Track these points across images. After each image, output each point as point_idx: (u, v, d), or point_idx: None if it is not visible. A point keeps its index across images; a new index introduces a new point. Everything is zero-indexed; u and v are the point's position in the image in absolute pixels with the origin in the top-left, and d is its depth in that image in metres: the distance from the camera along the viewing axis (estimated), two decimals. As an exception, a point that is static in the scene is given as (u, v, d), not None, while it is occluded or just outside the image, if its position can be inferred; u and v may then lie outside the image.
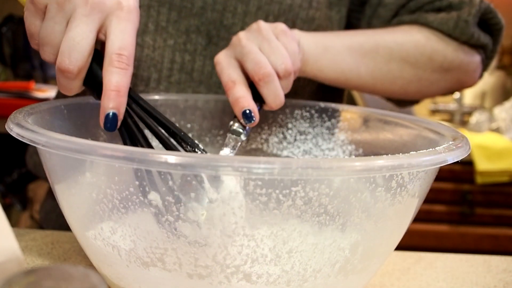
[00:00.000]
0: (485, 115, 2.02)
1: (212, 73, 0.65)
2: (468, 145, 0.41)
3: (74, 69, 0.42)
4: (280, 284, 0.38)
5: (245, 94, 0.50)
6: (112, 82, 0.42)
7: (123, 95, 0.43)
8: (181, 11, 0.64)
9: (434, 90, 0.70)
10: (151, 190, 0.37)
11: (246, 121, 0.49)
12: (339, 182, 0.36)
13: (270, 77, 0.50)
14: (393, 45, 0.64)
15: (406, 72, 0.65)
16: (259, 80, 0.50)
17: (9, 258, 0.31)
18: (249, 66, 0.51)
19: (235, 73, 0.51)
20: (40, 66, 2.05)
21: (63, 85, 0.44)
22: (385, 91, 0.67)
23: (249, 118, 0.49)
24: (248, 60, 0.51)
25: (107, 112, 0.42)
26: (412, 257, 0.57)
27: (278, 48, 0.52)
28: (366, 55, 0.63)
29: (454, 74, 0.68)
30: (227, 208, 0.36)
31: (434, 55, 0.65)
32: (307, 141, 0.61)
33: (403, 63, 0.65)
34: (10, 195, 1.88)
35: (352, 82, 0.64)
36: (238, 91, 0.50)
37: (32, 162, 0.74)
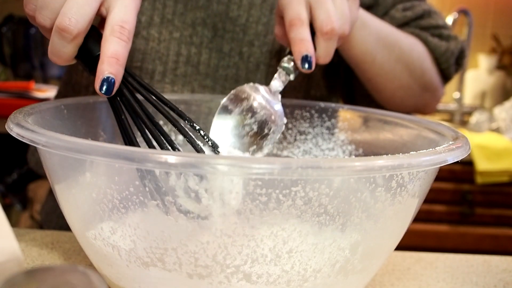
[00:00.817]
0: (485, 115, 2.02)
1: (218, 66, 0.65)
2: (468, 145, 0.41)
3: (74, 30, 0.41)
4: (280, 284, 0.38)
5: (310, 39, 0.49)
6: (111, 49, 0.42)
7: (121, 64, 0.42)
8: (187, 4, 0.65)
9: (411, 104, 0.74)
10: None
11: (303, 65, 0.49)
12: (339, 182, 0.36)
13: (334, 35, 0.50)
14: (406, 48, 0.67)
15: (404, 76, 0.68)
16: (323, 34, 0.49)
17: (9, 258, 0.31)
18: (320, 15, 0.50)
19: (304, 13, 0.50)
20: (40, 66, 2.05)
21: (56, 48, 0.42)
22: (382, 87, 0.69)
23: (308, 64, 0.49)
24: (321, 8, 0.50)
25: (104, 76, 0.41)
26: (412, 257, 0.57)
27: (345, 9, 0.51)
28: (386, 47, 0.65)
29: (428, 95, 0.73)
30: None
31: (426, 71, 0.70)
32: (307, 141, 0.61)
33: (406, 67, 0.68)
34: (10, 195, 1.88)
35: (365, 65, 0.65)
36: (304, 32, 0.49)
37: (34, 160, 0.75)
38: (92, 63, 0.43)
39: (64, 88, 0.76)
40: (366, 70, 0.66)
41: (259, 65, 0.67)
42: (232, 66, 0.66)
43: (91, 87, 0.69)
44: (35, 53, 2.03)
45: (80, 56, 0.44)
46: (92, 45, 0.43)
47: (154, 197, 0.36)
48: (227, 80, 0.66)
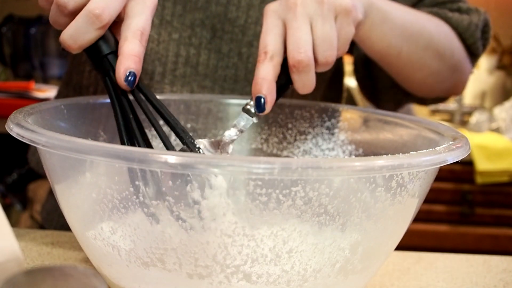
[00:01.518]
0: (485, 115, 2.02)
1: (217, 67, 0.65)
2: (468, 145, 0.41)
3: (105, 19, 0.42)
4: (280, 284, 0.38)
5: (269, 75, 0.46)
6: (133, 48, 0.43)
7: (140, 64, 0.44)
8: (186, 5, 0.65)
9: (442, 88, 0.70)
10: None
11: (255, 107, 0.47)
12: (339, 182, 0.36)
13: (305, 66, 0.46)
14: (434, 33, 0.63)
15: (434, 62, 0.65)
16: (292, 66, 0.46)
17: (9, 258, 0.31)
18: (290, 44, 0.46)
19: (273, 42, 0.47)
20: (40, 66, 2.05)
21: (78, 32, 0.43)
22: (410, 77, 0.66)
23: (260, 107, 0.46)
24: (292, 36, 0.46)
25: (129, 70, 0.43)
26: (412, 257, 0.57)
27: (329, 33, 0.47)
28: (412, 37, 0.61)
29: (457, 76, 0.69)
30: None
31: (455, 51, 0.66)
32: (307, 141, 0.61)
33: (436, 53, 0.64)
34: (10, 195, 1.88)
35: (390, 59, 0.62)
36: (265, 69, 0.46)
37: (34, 160, 0.75)
38: (99, 60, 0.44)
39: (64, 89, 0.76)
40: (392, 63, 0.63)
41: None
42: (231, 66, 0.66)
43: (91, 87, 0.69)
44: (35, 53, 2.03)
45: (89, 50, 0.44)
46: (104, 43, 0.44)
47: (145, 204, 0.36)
48: (226, 80, 0.66)
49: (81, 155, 0.33)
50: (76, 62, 0.72)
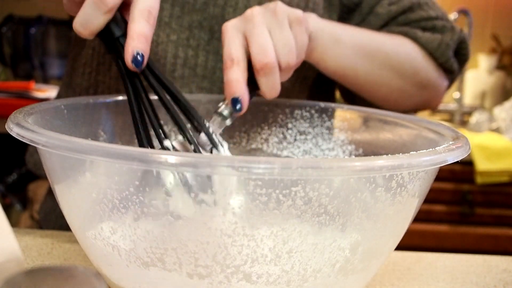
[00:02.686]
0: (485, 115, 2.02)
1: (215, 68, 0.66)
2: (468, 145, 0.41)
3: (110, 2, 0.42)
4: (280, 284, 0.38)
5: (240, 78, 0.48)
6: (140, 28, 0.43)
7: (148, 43, 0.44)
8: (184, 7, 0.65)
9: (409, 104, 0.72)
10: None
11: (232, 108, 0.48)
12: (339, 182, 0.36)
13: (271, 69, 0.48)
14: (390, 52, 0.65)
15: (394, 80, 0.67)
16: (259, 69, 0.48)
17: (9, 258, 0.31)
18: (253, 49, 0.48)
19: (237, 51, 0.49)
20: (40, 66, 2.05)
21: (87, 18, 0.43)
22: (370, 95, 0.68)
23: (236, 107, 0.48)
24: (254, 42, 0.49)
25: (135, 52, 0.43)
26: (412, 257, 0.57)
27: (288, 38, 0.50)
28: (367, 56, 0.63)
29: (428, 93, 0.71)
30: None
31: (419, 69, 0.68)
32: (307, 141, 0.61)
33: (394, 71, 0.66)
34: (10, 195, 1.88)
35: (347, 79, 0.64)
36: (234, 72, 0.48)
37: (32, 161, 0.75)
38: (112, 43, 0.45)
39: (64, 90, 0.76)
40: (350, 82, 0.65)
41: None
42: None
43: (91, 89, 0.69)
44: (35, 53, 2.03)
45: (101, 35, 0.45)
46: (115, 26, 0.45)
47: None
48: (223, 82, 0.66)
49: (81, 155, 0.33)
50: (76, 65, 0.72)
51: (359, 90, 0.67)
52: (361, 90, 0.67)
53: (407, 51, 0.67)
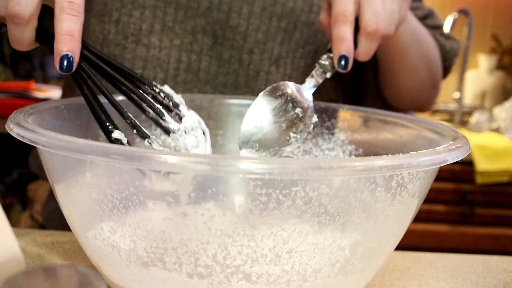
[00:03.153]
0: (485, 115, 2.02)
1: (218, 73, 0.66)
2: (468, 145, 0.41)
3: (25, 14, 0.41)
4: (280, 284, 0.38)
5: (350, 36, 0.49)
6: (64, 27, 0.41)
7: (76, 39, 0.41)
8: (188, 11, 0.65)
9: (419, 101, 0.76)
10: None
11: (339, 64, 0.49)
12: (339, 182, 0.36)
13: (377, 36, 0.49)
14: (430, 45, 0.69)
15: (425, 72, 0.70)
16: (367, 33, 0.49)
17: (9, 258, 0.31)
18: (367, 13, 0.49)
19: (351, 9, 0.50)
20: (40, 66, 2.05)
21: (14, 35, 0.42)
22: (401, 83, 0.71)
23: (345, 63, 0.49)
24: (369, 6, 0.49)
25: (62, 54, 0.41)
26: (412, 257, 0.57)
27: (395, 12, 0.51)
28: (417, 42, 0.66)
29: (433, 92, 0.75)
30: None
31: (438, 68, 0.72)
32: (307, 141, 0.61)
33: (427, 64, 0.70)
34: (10, 195, 1.88)
35: (397, 58, 0.66)
36: (347, 30, 0.49)
37: (35, 164, 0.75)
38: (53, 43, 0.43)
39: (67, 92, 0.76)
40: (396, 62, 0.67)
41: (258, 72, 0.67)
42: (232, 73, 0.67)
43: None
44: (35, 53, 2.03)
45: (40, 38, 0.43)
46: (49, 25, 0.43)
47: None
48: (226, 87, 0.67)
49: (81, 155, 0.33)
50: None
51: (397, 73, 0.69)
52: (398, 75, 0.69)
53: (435, 49, 0.71)
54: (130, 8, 0.65)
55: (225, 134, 0.62)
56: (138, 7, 0.65)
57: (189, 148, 0.45)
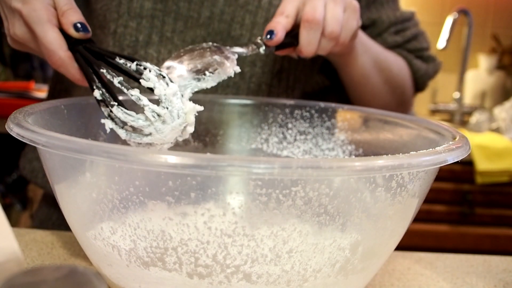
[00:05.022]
0: (485, 115, 2.02)
1: (217, 86, 0.65)
2: (468, 145, 0.41)
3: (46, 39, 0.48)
4: (280, 284, 0.38)
5: (284, 24, 0.53)
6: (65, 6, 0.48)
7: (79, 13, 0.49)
8: (187, 21, 0.64)
9: None
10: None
11: (266, 36, 0.53)
12: (339, 182, 0.36)
13: (316, 25, 0.52)
14: (395, 72, 0.73)
15: (388, 96, 0.74)
16: (306, 21, 0.52)
17: (9, 258, 0.31)
18: (307, 7, 0.53)
19: (292, 9, 0.54)
20: (40, 66, 2.05)
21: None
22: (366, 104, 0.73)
23: (271, 35, 0.52)
24: (309, 4, 0.53)
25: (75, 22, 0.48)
26: (412, 257, 0.57)
27: (338, 14, 0.54)
28: (379, 70, 0.70)
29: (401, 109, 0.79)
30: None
31: (405, 90, 0.76)
32: (307, 141, 0.62)
33: (391, 88, 0.73)
34: (10, 195, 1.88)
35: (359, 86, 0.70)
36: (281, 19, 0.53)
37: (29, 168, 0.73)
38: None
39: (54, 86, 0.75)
40: (359, 90, 0.71)
41: (260, 85, 0.67)
42: (232, 86, 0.66)
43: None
44: (35, 53, 2.02)
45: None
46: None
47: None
48: (219, 94, 0.65)
49: (81, 155, 0.33)
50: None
51: (359, 98, 0.73)
52: (361, 99, 0.73)
53: (404, 74, 0.75)
54: (126, 19, 0.63)
55: (225, 134, 0.62)
56: (134, 17, 0.63)
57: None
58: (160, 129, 0.45)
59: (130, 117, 0.45)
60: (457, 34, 2.19)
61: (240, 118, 0.63)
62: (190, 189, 0.36)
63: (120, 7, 0.63)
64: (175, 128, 0.45)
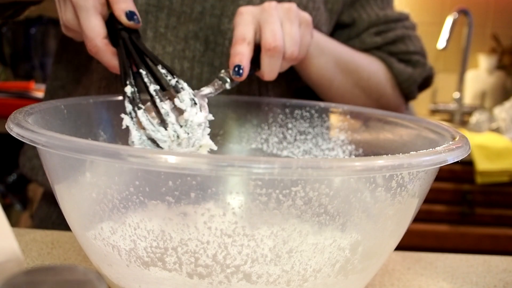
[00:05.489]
0: (485, 115, 2.02)
1: (210, 80, 0.65)
2: (468, 145, 0.41)
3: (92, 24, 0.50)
4: (280, 284, 0.38)
5: (246, 53, 0.52)
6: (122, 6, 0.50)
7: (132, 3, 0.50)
8: (180, 17, 0.64)
9: None
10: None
11: (234, 73, 0.52)
12: (339, 182, 0.36)
13: (278, 52, 0.53)
14: (364, 74, 0.71)
15: (360, 98, 0.72)
16: (267, 50, 0.52)
17: (9, 258, 0.31)
18: (266, 34, 0.53)
19: (249, 33, 0.53)
20: (40, 66, 2.05)
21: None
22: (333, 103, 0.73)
23: (238, 72, 0.52)
24: (268, 28, 0.53)
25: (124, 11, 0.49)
26: (412, 257, 0.57)
27: (295, 34, 0.54)
28: (343, 72, 0.68)
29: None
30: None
31: (383, 95, 0.73)
32: (307, 141, 0.61)
33: (363, 91, 0.72)
34: (10, 195, 1.88)
35: (322, 88, 0.69)
36: (242, 48, 0.52)
37: (29, 166, 0.73)
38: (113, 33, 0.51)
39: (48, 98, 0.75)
40: (323, 92, 0.70)
41: (251, 78, 0.66)
42: (234, 92, 0.66)
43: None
44: (35, 53, 2.02)
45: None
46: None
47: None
48: (219, 94, 0.66)
49: (81, 155, 0.33)
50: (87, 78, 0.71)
51: (327, 99, 0.72)
52: (327, 99, 0.71)
53: (379, 77, 0.73)
54: None
55: (225, 134, 0.62)
56: None
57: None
58: (172, 149, 0.45)
59: (152, 127, 0.45)
60: (457, 34, 2.19)
61: (240, 118, 0.63)
62: (190, 189, 0.36)
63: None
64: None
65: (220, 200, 0.36)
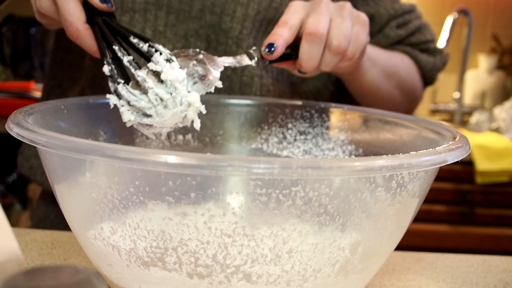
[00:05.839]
0: (485, 115, 2.02)
1: None
2: (468, 145, 0.41)
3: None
4: (280, 284, 0.38)
5: (284, 35, 0.50)
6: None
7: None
8: (179, 15, 0.64)
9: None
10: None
11: (265, 49, 0.50)
12: (339, 182, 0.36)
13: (319, 38, 0.50)
14: (403, 74, 0.72)
15: (400, 97, 0.73)
16: (307, 34, 0.50)
17: (9, 258, 0.31)
18: (309, 19, 0.51)
19: (295, 20, 0.51)
20: (40, 66, 2.05)
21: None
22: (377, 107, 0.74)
23: (270, 50, 0.50)
24: (313, 16, 0.51)
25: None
26: (412, 257, 0.57)
27: (345, 28, 0.52)
28: (387, 77, 0.69)
29: (412, 105, 0.79)
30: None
31: (415, 88, 0.75)
32: (307, 141, 0.61)
33: (402, 90, 0.73)
34: (10, 195, 1.88)
35: (370, 96, 0.70)
36: (283, 31, 0.51)
37: (28, 166, 0.73)
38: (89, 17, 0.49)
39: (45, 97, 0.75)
40: (370, 99, 0.70)
41: (253, 77, 0.66)
42: (225, 79, 0.65)
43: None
44: (35, 53, 2.02)
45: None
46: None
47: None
48: (220, 93, 0.66)
49: (81, 155, 0.33)
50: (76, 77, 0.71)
51: (371, 105, 0.71)
52: (372, 105, 0.71)
53: (413, 73, 0.73)
54: (119, 13, 0.64)
55: (225, 134, 0.62)
56: (127, 11, 0.64)
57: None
58: (161, 113, 0.45)
59: (133, 97, 0.45)
60: (457, 34, 2.19)
61: (240, 118, 0.63)
62: (190, 189, 0.36)
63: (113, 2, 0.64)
64: (175, 114, 0.45)
65: (220, 200, 0.36)
